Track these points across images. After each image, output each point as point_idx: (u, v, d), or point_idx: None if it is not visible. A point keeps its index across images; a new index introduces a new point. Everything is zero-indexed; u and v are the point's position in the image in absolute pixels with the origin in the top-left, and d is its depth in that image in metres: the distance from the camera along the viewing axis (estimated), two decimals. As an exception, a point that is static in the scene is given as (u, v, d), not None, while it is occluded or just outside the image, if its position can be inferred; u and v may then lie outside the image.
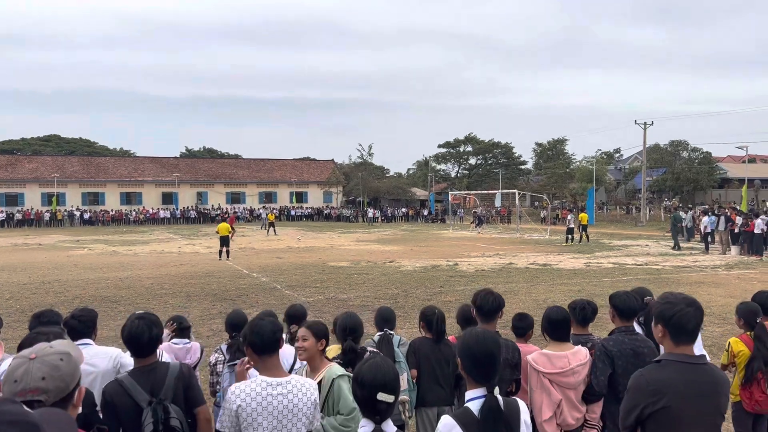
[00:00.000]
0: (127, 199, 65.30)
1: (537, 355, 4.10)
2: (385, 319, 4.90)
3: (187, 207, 63.93)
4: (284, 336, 4.62)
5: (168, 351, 4.66)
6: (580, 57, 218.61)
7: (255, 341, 3.11)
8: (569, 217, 33.17)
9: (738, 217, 23.93)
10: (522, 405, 2.75)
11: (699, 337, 4.90)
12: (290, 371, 4.06)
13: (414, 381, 4.60)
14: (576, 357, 4.03)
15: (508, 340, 4.32)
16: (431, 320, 4.51)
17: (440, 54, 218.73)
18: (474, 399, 2.64)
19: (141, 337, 3.27)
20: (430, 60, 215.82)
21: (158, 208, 62.70)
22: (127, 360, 3.90)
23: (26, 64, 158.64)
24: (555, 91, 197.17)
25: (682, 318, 2.76)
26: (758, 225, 22.53)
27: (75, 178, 63.84)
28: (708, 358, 4.92)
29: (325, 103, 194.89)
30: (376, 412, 2.51)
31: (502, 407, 2.63)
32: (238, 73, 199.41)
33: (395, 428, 2.57)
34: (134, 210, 61.40)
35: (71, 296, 14.55)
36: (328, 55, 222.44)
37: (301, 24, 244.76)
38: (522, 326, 4.63)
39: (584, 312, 4.42)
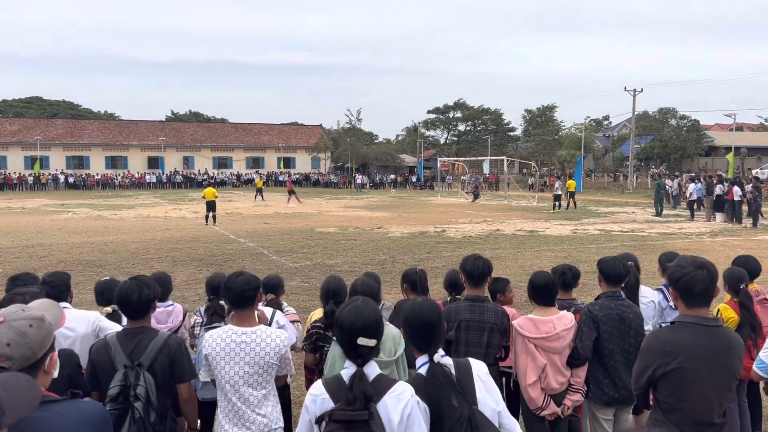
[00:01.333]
0: (113, 163, 64.52)
1: (522, 320, 4.10)
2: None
3: (174, 171, 63.32)
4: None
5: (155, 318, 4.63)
6: (571, 23, 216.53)
7: (228, 295, 3.40)
8: (557, 184, 33.24)
9: (719, 185, 24.11)
10: (474, 362, 2.75)
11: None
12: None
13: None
14: (561, 322, 4.02)
15: (498, 305, 4.30)
16: (414, 280, 4.47)
17: (431, 19, 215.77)
18: (422, 365, 2.67)
19: (130, 297, 3.26)
20: (420, 25, 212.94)
21: (144, 173, 62.06)
22: (106, 323, 3.88)
23: (7, 25, 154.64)
24: (546, 57, 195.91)
25: (690, 281, 2.78)
26: (736, 192, 22.71)
27: (59, 141, 62.88)
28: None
29: (314, 67, 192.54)
30: (358, 356, 2.49)
31: (452, 368, 2.65)
32: (225, 36, 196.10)
33: (378, 370, 2.55)
34: (120, 174, 60.75)
35: (55, 260, 14.42)
36: (317, 20, 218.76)
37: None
38: (494, 289, 4.66)
39: (564, 277, 4.42)
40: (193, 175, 62.97)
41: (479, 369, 2.74)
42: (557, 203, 30.57)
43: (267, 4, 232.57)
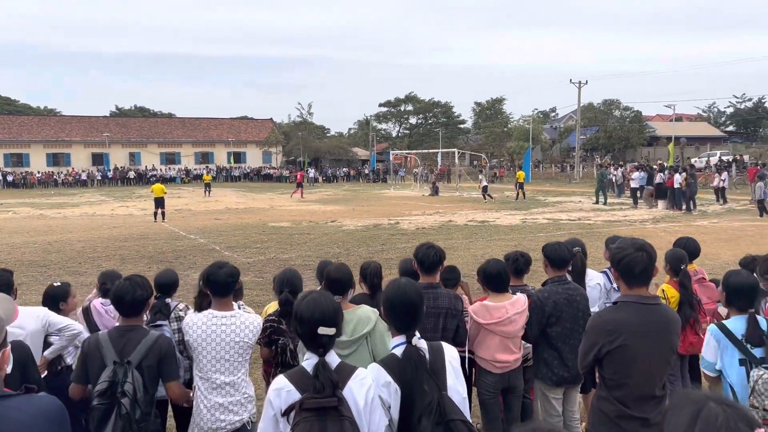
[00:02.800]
0: (54, 160, 62.19)
1: (477, 306, 4.21)
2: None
3: (120, 168, 61.54)
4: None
5: (96, 312, 4.57)
6: (519, 17, 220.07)
7: (212, 285, 3.62)
8: (480, 176, 34.30)
9: (660, 174, 25.07)
10: (447, 348, 2.82)
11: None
12: None
13: None
14: (514, 306, 4.15)
15: (450, 290, 4.40)
16: (365, 274, 4.51)
17: (381, 13, 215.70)
18: (397, 346, 2.72)
19: (125, 297, 3.40)
20: (371, 19, 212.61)
21: (88, 170, 60.10)
22: (56, 319, 3.95)
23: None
24: (495, 50, 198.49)
25: (630, 262, 2.89)
26: (677, 180, 23.68)
27: (-5, 139, 60.24)
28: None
29: (264, 60, 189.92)
30: (319, 345, 2.53)
31: (426, 352, 2.70)
32: (171, 28, 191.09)
33: (338, 359, 2.61)
34: (62, 171, 58.63)
35: (-4, 262, 13.87)
36: (266, 12, 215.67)
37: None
38: (451, 278, 4.75)
39: (517, 263, 4.55)
40: (140, 172, 61.31)
41: (451, 355, 2.80)
42: (486, 194, 31.54)
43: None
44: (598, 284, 5.09)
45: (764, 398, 3.17)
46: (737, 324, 3.41)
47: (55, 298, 4.36)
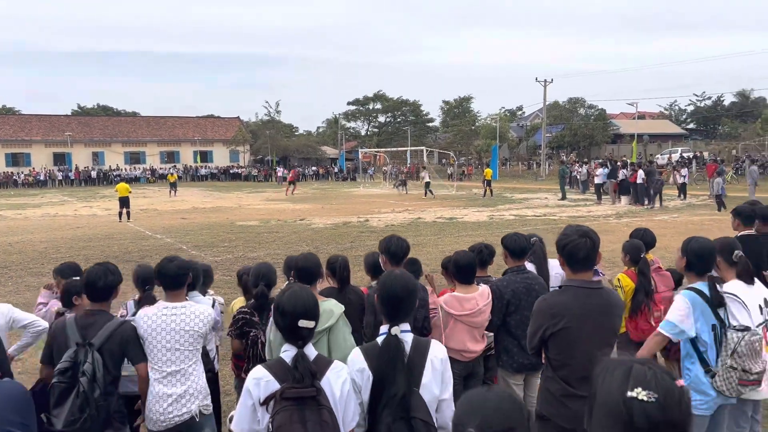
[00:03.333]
0: (14, 160, 60.61)
1: (448, 297, 4.28)
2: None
3: (83, 167, 60.25)
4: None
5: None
6: (487, 17, 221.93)
7: (163, 279, 3.72)
8: (422, 173, 35.62)
9: (623, 170, 25.66)
10: (434, 345, 2.83)
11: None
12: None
13: None
14: (483, 297, 4.25)
15: (417, 281, 4.47)
16: (334, 267, 4.55)
17: (349, 11, 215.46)
18: (382, 334, 2.79)
19: (97, 282, 3.54)
20: (339, 17, 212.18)
21: (50, 170, 58.71)
22: (20, 315, 4.05)
23: None
24: (462, 49, 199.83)
25: (573, 248, 3.01)
26: (640, 176, 24.27)
27: (-49, 138, 58.46)
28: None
29: (231, 58, 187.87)
30: (299, 338, 2.60)
31: (408, 346, 2.75)
32: (135, 24, 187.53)
33: (315, 352, 2.67)
34: (22, 172, 57.15)
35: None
36: (232, 10, 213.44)
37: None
38: (414, 270, 4.83)
39: (481, 255, 4.66)
40: (104, 172, 60.14)
41: (436, 353, 2.79)
42: (428, 191, 32.62)
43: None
44: (558, 273, 5.23)
45: (745, 359, 3.34)
46: (704, 288, 3.55)
47: (70, 293, 4.33)
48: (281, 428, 2.39)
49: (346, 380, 2.62)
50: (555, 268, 5.22)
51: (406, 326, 2.81)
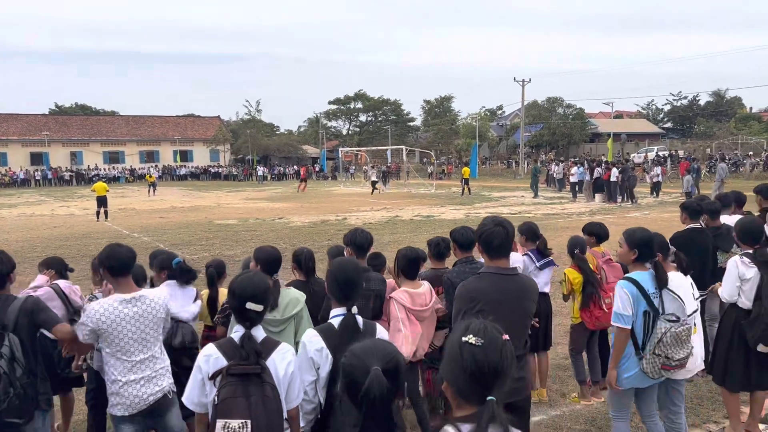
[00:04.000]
0: (-10, 160, 59.84)
1: (401, 292, 4.45)
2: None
3: (60, 168, 59.62)
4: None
5: (68, 289, 4.85)
6: (466, 16, 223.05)
7: (112, 264, 3.58)
8: (370, 171, 38.56)
9: (597, 168, 26.15)
10: (380, 327, 3.17)
11: (548, 272, 5.59)
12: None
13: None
14: (430, 293, 4.45)
15: (379, 274, 4.69)
16: (300, 259, 4.74)
17: (330, 10, 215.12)
18: (336, 316, 3.04)
19: None
20: (320, 15, 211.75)
21: (26, 169, 58.01)
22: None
23: None
24: (444, 49, 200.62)
25: (489, 236, 3.27)
26: (613, 174, 24.77)
27: (-76, 138, 57.51)
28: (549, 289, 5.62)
29: (211, 56, 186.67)
30: (246, 319, 2.81)
31: (360, 326, 3.04)
32: (113, 24, 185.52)
33: (264, 333, 2.89)
34: (-2, 172, 56.46)
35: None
36: (215, 8, 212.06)
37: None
38: (377, 263, 5.05)
39: (438, 247, 4.89)
40: (81, 171, 59.56)
41: (381, 332, 3.13)
42: (375, 188, 35.39)
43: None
44: (517, 267, 5.49)
45: (668, 348, 3.70)
46: (642, 278, 3.86)
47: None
48: (226, 401, 2.60)
49: (291, 362, 2.82)
50: (515, 261, 5.48)
51: (355, 308, 3.07)
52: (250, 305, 2.79)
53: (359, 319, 3.06)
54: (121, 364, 3.56)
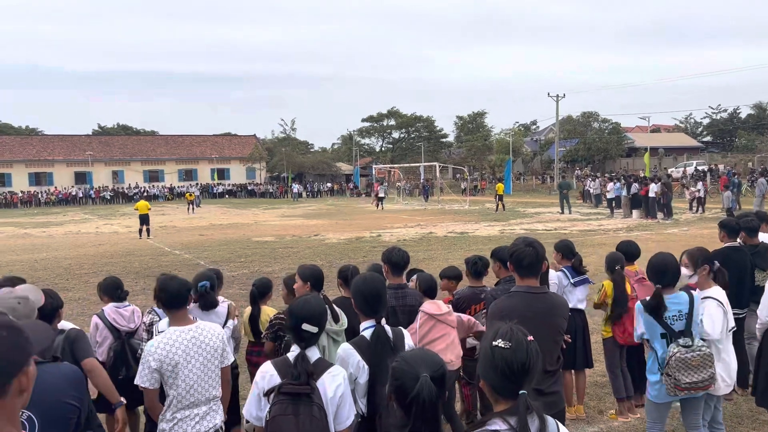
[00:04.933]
0: (37, 179, 62.10)
1: (427, 304, 4.64)
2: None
3: (103, 186, 61.51)
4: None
5: (114, 314, 4.94)
6: (500, 32, 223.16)
7: (164, 297, 3.57)
8: (379, 187, 39.85)
9: (635, 184, 25.83)
10: (405, 332, 3.39)
11: (583, 289, 5.68)
12: (224, 326, 4.66)
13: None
14: (444, 305, 4.67)
15: (414, 290, 4.86)
16: (346, 275, 4.93)
17: (363, 28, 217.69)
18: (367, 328, 3.23)
19: (43, 308, 3.56)
20: (354, 33, 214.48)
21: (71, 188, 60.00)
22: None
23: None
24: (477, 64, 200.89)
25: (519, 255, 3.41)
26: (651, 189, 24.42)
27: (-23, 159, 60.04)
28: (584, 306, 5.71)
29: (247, 76, 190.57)
30: (302, 339, 2.98)
31: (390, 334, 3.23)
32: (153, 46, 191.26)
33: (318, 354, 3.05)
34: (45, 191, 58.50)
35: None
36: (250, 28, 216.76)
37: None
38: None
39: (476, 266, 5.04)
40: (123, 190, 61.33)
41: (410, 339, 3.40)
42: (381, 205, 37.57)
43: (196, 13, 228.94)
44: (554, 283, 5.61)
45: (675, 371, 3.84)
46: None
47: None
48: (276, 418, 2.77)
49: (340, 384, 2.93)
50: (551, 277, 5.60)
51: (383, 319, 3.29)
52: (305, 326, 2.95)
53: (387, 328, 3.27)
54: (180, 400, 3.46)
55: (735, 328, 4.40)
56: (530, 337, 2.10)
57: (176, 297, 3.54)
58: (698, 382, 3.87)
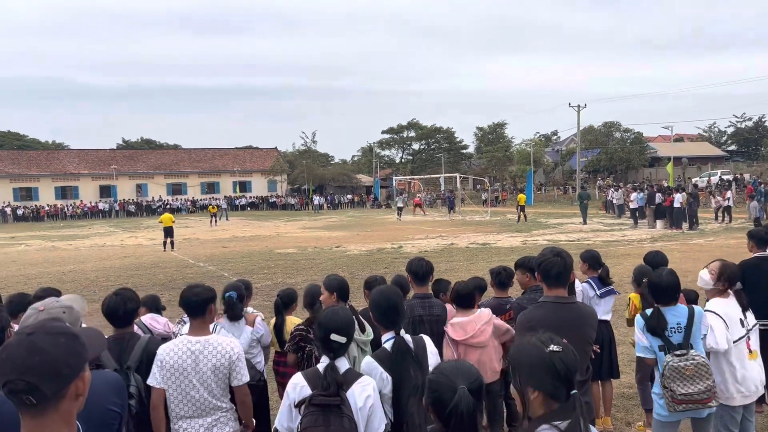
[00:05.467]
0: (63, 193, 63.20)
1: (449, 327, 4.57)
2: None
3: (127, 200, 62.47)
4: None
5: (151, 320, 5.00)
6: (518, 43, 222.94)
7: (184, 305, 3.68)
8: (397, 197, 41.14)
9: (659, 194, 25.53)
10: (427, 339, 3.41)
11: (609, 300, 5.65)
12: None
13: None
14: (480, 318, 4.58)
15: (440, 300, 4.87)
16: (372, 286, 4.94)
17: (383, 40, 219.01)
18: (387, 340, 3.27)
19: (117, 310, 3.71)
20: (373, 47, 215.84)
21: (96, 202, 61.01)
22: None
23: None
24: (496, 75, 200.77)
25: (547, 265, 3.42)
26: (676, 199, 24.12)
27: (5, 173, 61.32)
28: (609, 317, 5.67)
29: (267, 90, 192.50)
30: (330, 350, 3.00)
31: (411, 344, 3.26)
32: (175, 61, 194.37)
33: (347, 365, 3.06)
34: (71, 204, 59.56)
35: (14, 292, 14.36)
36: (268, 42, 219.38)
37: (238, 10, 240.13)
38: (438, 288, 5.25)
39: (500, 276, 5.05)
40: (146, 202, 62.19)
41: (431, 345, 3.41)
42: (399, 216, 38.46)
43: (217, 28, 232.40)
44: (580, 292, 5.59)
45: (671, 382, 3.80)
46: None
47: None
48: (306, 430, 2.80)
49: (370, 395, 2.92)
50: (577, 287, 5.58)
51: (402, 330, 3.31)
52: (334, 337, 2.97)
53: (408, 338, 3.29)
54: (183, 407, 3.57)
55: (743, 338, 4.34)
56: (564, 340, 2.19)
57: (190, 305, 3.62)
58: (694, 393, 3.75)
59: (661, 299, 4.01)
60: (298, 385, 2.95)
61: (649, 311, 4.02)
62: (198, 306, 3.62)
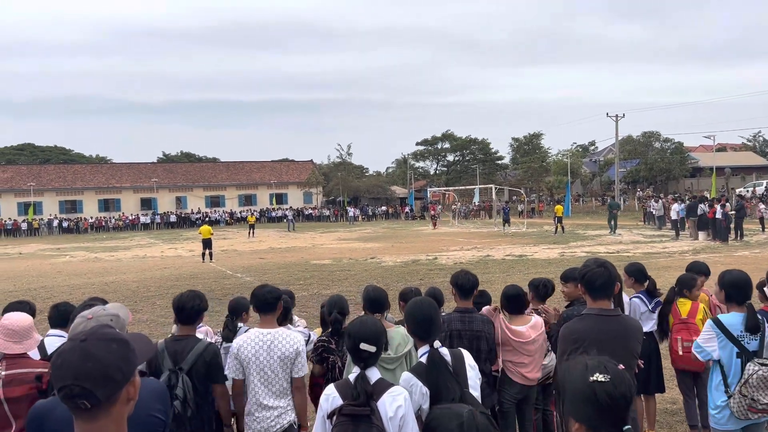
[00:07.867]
0: (106, 206, 64.94)
1: (504, 325, 4.60)
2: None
3: (167, 212, 63.81)
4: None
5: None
6: (555, 53, 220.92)
7: (254, 302, 4.13)
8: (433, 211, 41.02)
9: (701, 205, 24.87)
10: (466, 353, 3.37)
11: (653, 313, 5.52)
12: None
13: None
14: (534, 329, 4.55)
15: (483, 315, 4.81)
16: (407, 297, 4.93)
17: (417, 53, 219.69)
18: (424, 354, 3.23)
19: (186, 305, 3.96)
20: (407, 59, 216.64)
21: (137, 214, 62.48)
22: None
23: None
24: (531, 86, 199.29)
25: (591, 276, 3.34)
26: (718, 211, 23.44)
27: (51, 187, 63.34)
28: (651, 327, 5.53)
29: (303, 104, 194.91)
30: (361, 359, 3.00)
31: (448, 357, 3.21)
32: (214, 76, 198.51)
33: (378, 374, 3.04)
34: (113, 217, 61.14)
35: (59, 301, 14.78)
36: (304, 56, 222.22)
37: (276, 26, 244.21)
38: (482, 301, 5.19)
39: (538, 290, 5.01)
40: (186, 215, 63.42)
41: (470, 359, 3.35)
42: (434, 225, 39.82)
43: (253, 43, 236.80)
44: (629, 306, 5.49)
45: (754, 390, 3.70)
46: (733, 319, 3.89)
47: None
48: None
49: (401, 405, 2.87)
50: (628, 304, 5.47)
51: (438, 343, 3.25)
52: (363, 346, 2.96)
53: (444, 350, 3.24)
54: (262, 390, 3.95)
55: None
56: (621, 366, 1.96)
57: (265, 302, 4.03)
58: None
59: (745, 298, 3.95)
60: (330, 396, 2.96)
61: (730, 316, 3.94)
62: (271, 302, 4.05)
